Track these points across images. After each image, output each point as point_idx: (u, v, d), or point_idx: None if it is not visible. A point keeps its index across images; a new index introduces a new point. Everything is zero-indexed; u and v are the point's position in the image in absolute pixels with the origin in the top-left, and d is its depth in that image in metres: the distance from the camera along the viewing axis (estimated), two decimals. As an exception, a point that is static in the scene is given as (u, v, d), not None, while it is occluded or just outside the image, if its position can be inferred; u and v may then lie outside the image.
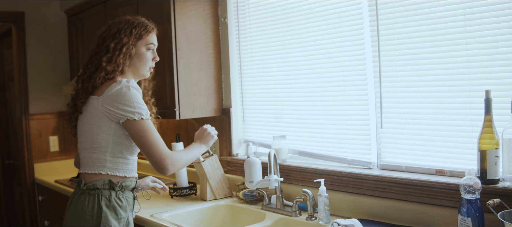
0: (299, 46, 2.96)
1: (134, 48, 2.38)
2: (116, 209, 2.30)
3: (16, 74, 4.83)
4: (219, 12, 3.47)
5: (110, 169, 2.33)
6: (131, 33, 2.37)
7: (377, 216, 2.48)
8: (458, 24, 2.20)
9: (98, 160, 2.32)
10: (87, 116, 2.34)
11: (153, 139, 2.26)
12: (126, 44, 2.35)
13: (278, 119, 3.17)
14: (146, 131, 2.25)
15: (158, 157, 2.25)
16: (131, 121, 2.24)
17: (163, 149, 2.27)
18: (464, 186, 1.96)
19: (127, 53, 2.36)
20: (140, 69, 2.43)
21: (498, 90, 2.08)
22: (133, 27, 2.39)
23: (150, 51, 2.45)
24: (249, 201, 3.03)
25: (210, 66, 3.45)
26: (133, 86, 2.30)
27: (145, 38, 2.42)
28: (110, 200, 2.30)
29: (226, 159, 3.43)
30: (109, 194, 2.30)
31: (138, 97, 2.29)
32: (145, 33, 2.41)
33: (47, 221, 4.59)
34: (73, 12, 4.67)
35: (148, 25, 2.44)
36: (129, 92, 2.26)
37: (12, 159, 5.68)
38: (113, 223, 2.28)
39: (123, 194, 2.35)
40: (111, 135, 2.30)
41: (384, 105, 2.54)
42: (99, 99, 2.29)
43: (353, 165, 2.70)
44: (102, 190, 2.29)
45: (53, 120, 4.91)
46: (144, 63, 2.42)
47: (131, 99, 2.25)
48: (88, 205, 2.28)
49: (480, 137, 2.07)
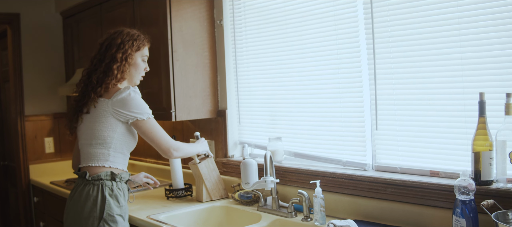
0: (295, 48, 2.97)
1: (133, 58, 2.67)
2: (118, 198, 2.57)
3: (11, 76, 4.83)
4: (215, 14, 3.48)
5: (112, 162, 2.60)
6: (133, 45, 2.65)
7: (372, 217, 2.49)
8: (453, 26, 2.22)
9: (102, 154, 2.59)
10: (95, 115, 2.59)
11: (160, 133, 2.63)
12: (130, 55, 2.64)
13: (273, 121, 3.19)
14: (153, 128, 2.62)
15: (165, 146, 2.63)
16: (140, 121, 2.58)
17: (169, 140, 2.65)
18: (459, 187, 1.98)
19: (130, 63, 2.66)
20: (134, 78, 2.72)
21: (492, 92, 2.10)
22: (134, 39, 2.66)
23: (144, 62, 2.74)
24: (244, 202, 3.04)
25: (206, 68, 3.46)
26: (137, 92, 2.63)
27: (142, 50, 2.71)
28: (113, 189, 2.56)
29: (221, 161, 3.44)
30: (112, 184, 2.57)
31: (143, 101, 2.62)
32: (142, 46, 2.71)
33: (42, 222, 4.58)
34: (69, 13, 4.66)
35: (144, 39, 2.73)
36: (137, 97, 2.60)
37: (7, 160, 5.67)
38: (116, 210, 2.54)
39: (122, 185, 2.62)
40: (115, 133, 2.58)
41: (379, 107, 2.55)
42: (109, 102, 2.56)
43: (348, 167, 2.72)
44: (105, 180, 2.55)
45: (48, 121, 4.90)
46: (138, 72, 2.72)
47: (139, 103, 2.59)
48: (93, 193, 2.53)
49: (474, 139, 2.10)
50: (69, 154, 4.92)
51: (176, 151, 2.66)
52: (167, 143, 2.64)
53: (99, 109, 2.57)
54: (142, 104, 2.59)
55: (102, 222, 2.48)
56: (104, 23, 3.95)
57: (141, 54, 2.70)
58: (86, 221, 2.50)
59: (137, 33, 2.70)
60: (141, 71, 2.72)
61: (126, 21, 3.62)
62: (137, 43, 2.66)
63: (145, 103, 2.61)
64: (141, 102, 2.59)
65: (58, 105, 4.93)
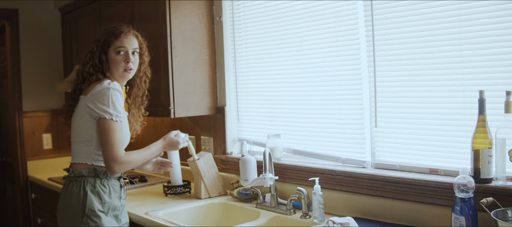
0: (294, 45, 2.97)
1: (104, 55, 2.60)
2: (100, 194, 2.53)
3: (9, 72, 4.82)
4: (214, 11, 3.47)
5: (95, 160, 2.55)
6: (100, 41, 2.60)
7: (371, 215, 2.49)
8: (453, 24, 2.22)
9: (85, 152, 2.56)
10: (77, 113, 2.59)
11: (113, 139, 2.47)
12: (94, 54, 2.59)
13: (272, 118, 3.18)
14: (110, 130, 2.47)
15: (109, 156, 2.46)
16: (102, 119, 2.47)
17: (116, 151, 2.47)
18: (458, 185, 1.98)
19: (96, 61, 2.58)
20: (114, 73, 2.61)
21: (492, 90, 2.10)
22: (103, 36, 2.61)
23: (121, 54, 2.60)
24: (243, 199, 3.04)
25: (205, 64, 3.45)
26: (114, 87, 2.50)
27: (113, 43, 2.59)
28: (95, 186, 2.53)
29: (220, 158, 3.44)
30: (94, 181, 2.54)
31: (116, 99, 2.49)
32: (114, 39, 2.59)
33: (40, 219, 4.57)
34: (67, 10, 4.65)
35: (115, 31, 2.61)
36: (108, 93, 2.48)
37: (5, 156, 5.65)
38: (97, 206, 2.51)
39: (108, 182, 2.58)
40: (94, 131, 2.52)
41: (379, 104, 2.55)
42: (85, 98, 2.54)
43: (347, 164, 2.72)
44: (87, 177, 2.53)
45: (46, 117, 4.89)
46: (115, 66, 2.59)
47: (108, 99, 2.47)
48: (75, 190, 2.52)
49: (473, 137, 2.10)
50: (67, 150, 4.91)
51: (119, 165, 2.47)
52: (113, 154, 2.46)
53: (80, 106, 2.56)
54: (111, 101, 2.47)
55: (84, 217, 2.47)
56: (103, 20, 3.95)
57: (114, 48, 2.58)
58: (72, 217, 2.51)
59: (109, 29, 2.63)
60: (118, 64, 2.59)
61: (125, 18, 3.62)
62: (106, 39, 2.59)
63: (117, 102, 2.49)
64: (110, 99, 2.47)
65: (56, 101, 4.91)
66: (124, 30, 2.63)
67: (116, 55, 2.59)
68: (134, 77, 2.73)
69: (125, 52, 2.60)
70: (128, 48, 2.61)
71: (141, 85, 2.78)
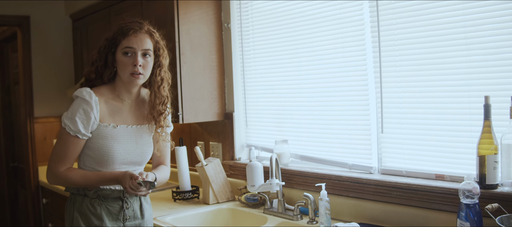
0: (301, 51, 2.98)
1: (112, 56, 2.29)
2: (87, 216, 2.30)
3: (21, 78, 4.87)
4: (222, 17, 3.50)
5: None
6: (108, 40, 2.29)
7: (378, 220, 2.49)
8: (459, 30, 2.21)
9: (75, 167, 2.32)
10: None
11: (57, 149, 2.25)
12: (100, 55, 2.31)
13: (280, 124, 3.19)
14: (59, 139, 2.26)
15: (49, 164, 2.27)
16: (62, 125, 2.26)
17: (57, 163, 2.24)
18: (463, 191, 1.98)
19: (100, 64, 2.31)
20: (121, 76, 2.30)
21: (498, 96, 2.09)
22: (112, 33, 2.30)
23: (128, 56, 2.26)
24: (251, 205, 3.05)
25: (213, 70, 3.47)
26: (80, 96, 2.24)
27: (121, 43, 2.26)
28: (82, 205, 2.31)
29: (228, 163, 3.45)
30: (82, 200, 2.31)
31: (77, 108, 2.23)
32: (121, 38, 2.26)
33: (51, 223, 4.61)
34: (78, 16, 4.71)
35: (124, 28, 2.27)
36: (74, 101, 2.26)
37: (17, 162, 5.71)
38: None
39: (102, 203, 2.32)
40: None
41: (385, 110, 2.55)
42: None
43: (354, 170, 2.72)
44: (76, 195, 2.33)
45: (57, 123, 4.94)
46: (121, 69, 2.27)
47: (71, 108, 2.25)
48: (67, 206, 2.38)
49: (479, 143, 2.09)
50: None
51: (50, 177, 2.26)
52: (49, 163, 2.25)
53: None
54: (71, 109, 2.23)
55: None
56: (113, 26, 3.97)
57: (121, 48, 2.25)
58: None
59: (118, 26, 2.31)
60: (124, 67, 2.25)
61: (134, 24, 3.64)
62: (114, 38, 2.27)
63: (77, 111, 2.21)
64: (72, 107, 2.23)
65: (67, 107, 4.88)
66: (134, 27, 2.27)
67: (123, 56, 2.25)
68: (152, 83, 2.38)
69: (133, 53, 2.25)
70: (137, 49, 2.24)
71: (159, 92, 2.37)
